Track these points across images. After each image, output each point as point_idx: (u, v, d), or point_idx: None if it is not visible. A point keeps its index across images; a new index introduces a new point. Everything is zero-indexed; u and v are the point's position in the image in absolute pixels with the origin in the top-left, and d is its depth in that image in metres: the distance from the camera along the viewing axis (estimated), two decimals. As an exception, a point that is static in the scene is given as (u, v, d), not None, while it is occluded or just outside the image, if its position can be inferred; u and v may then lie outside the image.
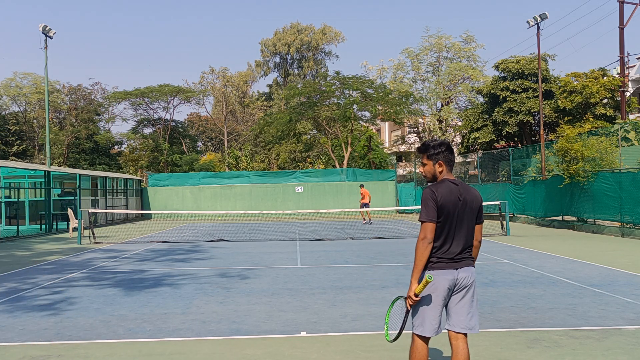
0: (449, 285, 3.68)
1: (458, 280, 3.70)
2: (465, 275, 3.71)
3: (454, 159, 3.86)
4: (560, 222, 19.71)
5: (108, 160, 47.12)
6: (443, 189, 3.69)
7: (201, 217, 32.33)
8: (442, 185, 3.73)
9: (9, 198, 25.73)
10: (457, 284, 3.70)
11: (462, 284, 3.71)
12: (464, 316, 3.73)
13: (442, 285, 3.66)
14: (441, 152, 3.81)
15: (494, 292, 7.88)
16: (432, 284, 3.66)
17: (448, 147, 3.84)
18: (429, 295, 3.69)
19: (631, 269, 9.83)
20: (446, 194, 3.67)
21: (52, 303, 7.68)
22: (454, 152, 3.88)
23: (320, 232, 20.05)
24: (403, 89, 37.01)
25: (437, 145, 3.83)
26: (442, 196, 3.65)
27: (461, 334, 3.75)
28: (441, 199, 3.64)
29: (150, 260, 12.49)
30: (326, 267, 10.85)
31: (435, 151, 3.82)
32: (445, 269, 3.67)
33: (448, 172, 3.82)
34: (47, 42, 24.00)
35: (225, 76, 56.90)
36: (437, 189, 3.69)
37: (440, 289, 3.67)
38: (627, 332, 5.68)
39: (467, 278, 3.71)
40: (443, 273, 3.66)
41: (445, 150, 3.81)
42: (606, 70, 28.15)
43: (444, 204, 3.64)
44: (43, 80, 41.43)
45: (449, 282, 3.67)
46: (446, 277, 3.66)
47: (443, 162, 3.80)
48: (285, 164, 49.64)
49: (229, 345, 5.53)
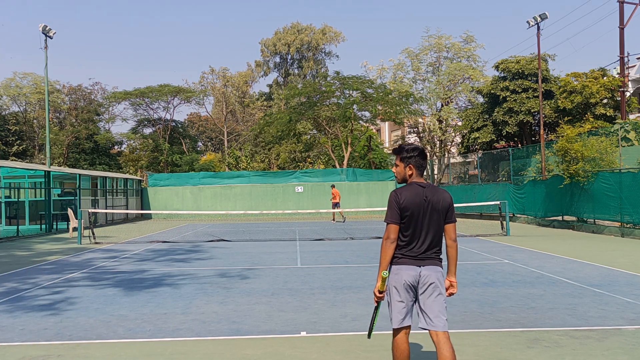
0: (412, 281, 3.87)
1: (421, 277, 3.87)
2: (429, 273, 3.87)
3: (425, 164, 4.07)
4: (560, 222, 19.71)
5: (108, 160, 47.10)
6: (407, 192, 3.93)
7: (201, 217, 32.32)
8: (407, 188, 3.98)
9: (9, 198, 25.73)
10: (420, 280, 3.88)
11: (426, 281, 3.87)
12: (436, 313, 3.86)
13: (402, 279, 3.87)
14: (413, 156, 4.02)
15: (494, 292, 7.88)
16: (395, 279, 3.90)
17: (421, 153, 4.05)
18: (392, 289, 3.92)
19: (631, 269, 9.83)
20: (410, 196, 3.90)
21: (52, 303, 7.68)
22: (427, 158, 4.10)
23: (320, 232, 20.05)
24: (403, 89, 36.98)
25: (410, 149, 4.05)
26: (406, 198, 3.89)
27: (440, 332, 3.87)
28: (404, 201, 3.88)
29: (150, 260, 12.49)
30: (326, 267, 10.85)
31: (407, 155, 4.04)
32: (408, 265, 3.89)
33: (418, 175, 4.04)
34: (47, 42, 24.01)
35: (225, 76, 56.88)
36: (401, 192, 3.93)
37: (400, 282, 3.88)
38: (627, 332, 5.68)
39: (431, 276, 3.87)
40: (406, 268, 3.88)
41: (417, 155, 4.03)
42: (606, 70, 28.15)
43: (407, 205, 3.88)
44: (43, 80, 41.42)
45: (411, 277, 3.87)
46: (408, 272, 3.87)
47: (413, 166, 4.02)
48: (285, 164, 49.63)
49: (229, 345, 5.53)
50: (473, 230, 19.33)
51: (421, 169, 4.03)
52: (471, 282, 8.81)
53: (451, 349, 3.84)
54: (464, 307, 6.98)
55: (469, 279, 9.11)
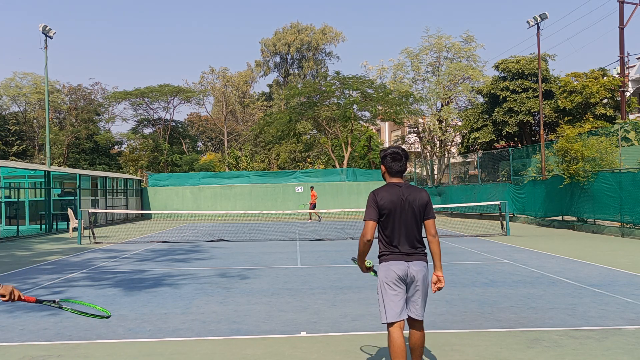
0: (401, 275, 4.09)
1: (410, 272, 4.10)
2: (417, 269, 4.11)
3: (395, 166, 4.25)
4: (560, 222, 19.70)
5: (108, 160, 47.10)
6: (385, 191, 4.18)
7: (201, 217, 32.32)
8: (385, 187, 4.22)
9: (9, 198, 25.72)
10: (409, 275, 4.10)
11: (414, 276, 4.10)
12: (419, 305, 4.15)
13: (394, 274, 4.08)
14: (385, 158, 4.29)
15: (494, 292, 7.88)
16: (386, 275, 4.12)
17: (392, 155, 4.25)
18: (384, 285, 4.13)
19: (631, 269, 9.83)
20: (387, 195, 4.15)
21: (52, 303, 7.67)
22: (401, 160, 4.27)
23: (320, 232, 20.04)
24: (403, 89, 36.99)
25: (384, 152, 4.33)
26: (383, 197, 4.14)
27: (417, 320, 4.18)
28: (381, 200, 4.13)
29: (150, 260, 12.49)
30: (326, 267, 10.85)
31: (381, 156, 4.34)
32: (397, 260, 4.12)
33: (393, 176, 4.29)
34: (47, 42, 24.01)
35: (225, 76, 56.88)
36: (378, 192, 4.18)
37: (392, 277, 4.09)
38: (627, 332, 5.68)
39: (417, 272, 4.11)
40: (395, 263, 4.11)
41: (388, 157, 4.27)
42: (606, 70, 28.15)
43: (384, 204, 4.12)
44: (43, 80, 41.42)
45: (401, 272, 4.09)
46: (398, 266, 4.09)
47: (386, 168, 4.31)
48: (285, 164, 49.63)
49: (229, 345, 5.53)
50: (473, 230, 19.33)
51: (392, 170, 4.27)
52: (471, 282, 8.80)
53: (422, 336, 4.20)
54: (464, 307, 6.98)
55: (469, 279, 9.10)
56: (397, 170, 4.26)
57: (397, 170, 4.27)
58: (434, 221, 4.24)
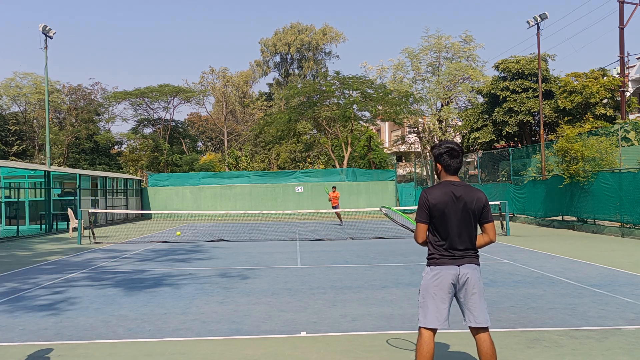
0: (452, 280, 3.88)
1: (461, 275, 3.89)
2: (468, 272, 3.89)
3: (453, 163, 3.98)
4: (560, 222, 19.70)
5: (108, 160, 47.08)
6: (437, 191, 3.92)
7: (201, 217, 32.31)
8: (438, 186, 3.97)
9: (9, 198, 25.72)
10: (460, 279, 3.89)
11: (466, 280, 3.89)
12: (478, 311, 3.91)
13: (445, 280, 3.88)
14: (441, 154, 3.99)
15: (494, 292, 7.88)
16: (436, 282, 3.88)
17: (449, 152, 3.97)
18: (432, 290, 3.90)
19: (631, 269, 9.83)
20: (439, 195, 3.90)
21: (52, 303, 7.68)
22: (457, 157, 3.98)
23: (320, 232, 20.04)
24: (403, 89, 37.00)
25: (438, 147, 4.04)
26: (435, 197, 3.90)
27: (481, 327, 3.93)
28: (432, 200, 3.89)
29: (151, 260, 12.49)
30: (326, 267, 10.85)
31: (436, 152, 4.03)
32: (448, 265, 3.89)
33: (448, 174, 4.01)
34: (47, 42, 24.01)
35: (225, 76, 56.86)
36: (430, 191, 3.94)
37: (443, 283, 3.88)
38: (627, 332, 5.68)
39: (470, 274, 3.89)
40: (447, 268, 3.88)
41: (445, 153, 3.98)
42: (606, 70, 28.14)
43: (436, 204, 3.88)
44: (43, 80, 41.40)
45: (452, 277, 3.88)
46: (449, 272, 3.88)
47: (441, 165, 4.01)
48: (285, 164, 49.61)
49: (229, 345, 5.53)
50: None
51: (451, 168, 3.98)
52: (471, 282, 8.79)
53: (492, 345, 3.92)
54: (464, 307, 6.97)
55: (469, 279, 9.09)
56: (455, 167, 3.98)
57: (456, 168, 3.98)
58: (493, 225, 4.00)
